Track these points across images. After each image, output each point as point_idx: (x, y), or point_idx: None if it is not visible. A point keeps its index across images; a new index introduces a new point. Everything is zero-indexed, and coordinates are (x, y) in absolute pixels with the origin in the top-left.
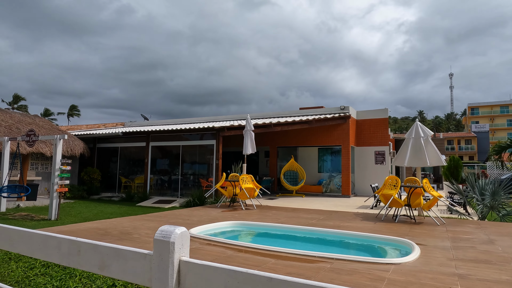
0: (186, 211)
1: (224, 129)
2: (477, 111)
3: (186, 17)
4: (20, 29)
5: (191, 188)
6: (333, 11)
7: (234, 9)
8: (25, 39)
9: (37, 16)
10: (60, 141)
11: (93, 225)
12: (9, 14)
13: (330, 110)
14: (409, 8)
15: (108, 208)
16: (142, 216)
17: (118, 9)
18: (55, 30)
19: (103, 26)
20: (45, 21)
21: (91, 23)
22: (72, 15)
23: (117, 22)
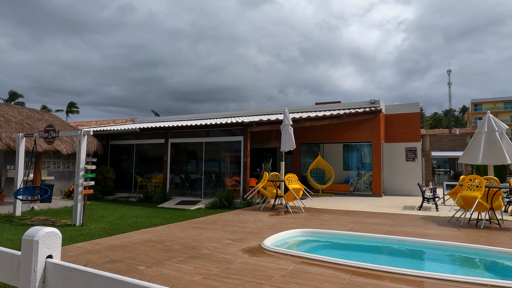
0: (230, 215)
1: (252, 124)
2: (481, 107)
3: (188, 15)
4: (20, 27)
5: (213, 187)
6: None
7: (236, 7)
8: (25, 37)
9: (38, 14)
10: (85, 137)
11: (143, 235)
12: (11, 12)
13: (359, 104)
14: (408, 6)
15: (130, 211)
16: (188, 223)
17: (120, 7)
18: (56, 28)
19: (105, 24)
20: (46, 19)
21: (92, 21)
22: (74, 13)
23: (119, 20)
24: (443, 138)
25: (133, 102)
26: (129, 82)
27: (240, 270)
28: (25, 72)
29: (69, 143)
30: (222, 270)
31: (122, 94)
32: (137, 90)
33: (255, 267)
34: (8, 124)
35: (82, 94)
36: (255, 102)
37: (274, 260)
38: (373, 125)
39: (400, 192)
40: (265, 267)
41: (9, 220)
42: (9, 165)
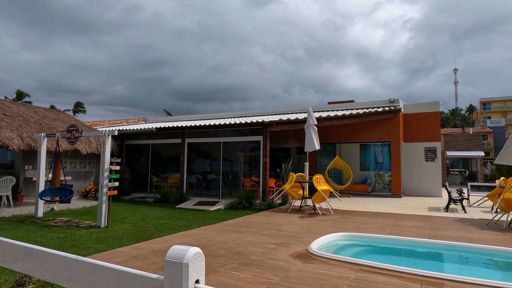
0: (260, 217)
1: (272, 124)
2: (489, 106)
3: (194, 15)
4: (28, 27)
5: (231, 188)
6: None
7: (241, 6)
8: (33, 37)
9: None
10: (109, 137)
11: (182, 239)
12: (19, 13)
13: (375, 103)
14: (414, 5)
15: (150, 211)
16: (222, 226)
17: (127, 8)
18: (63, 29)
19: (111, 24)
20: (53, 20)
21: (99, 22)
22: (81, 13)
23: (125, 21)
24: (458, 137)
25: (139, 102)
26: (134, 82)
27: (302, 278)
28: (32, 72)
29: (87, 143)
30: (283, 279)
31: (128, 93)
32: (142, 90)
33: (315, 275)
34: (27, 124)
35: (88, 94)
36: (260, 102)
37: (330, 267)
38: (392, 124)
39: (420, 193)
40: (326, 275)
41: (32, 222)
42: (28, 165)
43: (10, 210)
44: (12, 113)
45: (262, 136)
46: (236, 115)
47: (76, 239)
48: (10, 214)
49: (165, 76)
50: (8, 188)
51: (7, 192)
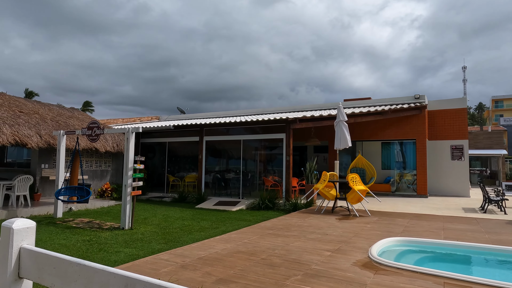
0: (295, 219)
1: (296, 121)
2: (501, 104)
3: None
4: (38, 28)
5: (251, 187)
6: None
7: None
8: (43, 38)
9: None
10: (133, 134)
11: (226, 245)
12: (29, 14)
13: (394, 100)
14: (423, 3)
15: (170, 212)
16: (261, 229)
17: (135, 8)
18: (72, 29)
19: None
20: (63, 21)
21: (108, 22)
22: (90, 14)
23: (133, 21)
24: (479, 135)
25: (146, 101)
26: (142, 82)
27: None
28: (41, 72)
29: (103, 141)
30: None
31: (135, 93)
32: (149, 89)
33: None
34: (44, 121)
35: (96, 94)
36: (266, 101)
37: (409, 280)
38: (417, 121)
39: (445, 193)
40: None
41: (52, 222)
42: (44, 164)
43: (28, 210)
44: (28, 111)
45: (285, 133)
46: (255, 112)
47: (102, 242)
48: (29, 215)
49: (172, 76)
50: (25, 188)
51: (24, 192)
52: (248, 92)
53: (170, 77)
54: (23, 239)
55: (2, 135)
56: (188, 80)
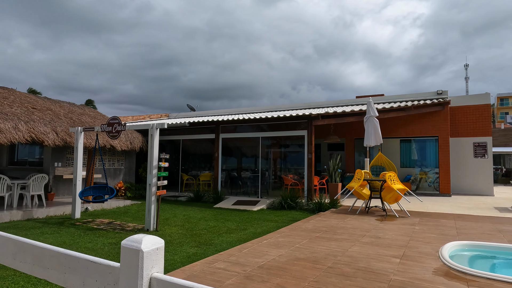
0: (335, 220)
1: (318, 117)
2: (507, 101)
3: (204, 13)
4: (41, 27)
5: (269, 186)
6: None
7: (252, 4)
8: (45, 37)
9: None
10: (157, 130)
11: (280, 250)
12: (32, 13)
13: (420, 96)
14: (425, 2)
15: (189, 212)
16: (305, 232)
17: (138, 7)
18: (75, 29)
19: (123, 24)
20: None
21: (111, 21)
22: (93, 13)
23: (136, 20)
24: (495, 133)
25: (147, 100)
26: (144, 81)
27: None
28: (44, 71)
29: (119, 138)
30: None
31: (137, 92)
32: (151, 88)
33: None
34: (59, 118)
35: (98, 92)
36: (268, 99)
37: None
38: (439, 118)
39: (468, 191)
40: None
41: (71, 224)
42: (57, 162)
43: (44, 210)
44: (40, 107)
45: (307, 130)
46: (272, 108)
47: None
48: (45, 215)
49: (174, 75)
50: (41, 187)
51: (39, 191)
52: (250, 90)
53: (172, 76)
54: (153, 265)
55: (18, 132)
56: (190, 79)
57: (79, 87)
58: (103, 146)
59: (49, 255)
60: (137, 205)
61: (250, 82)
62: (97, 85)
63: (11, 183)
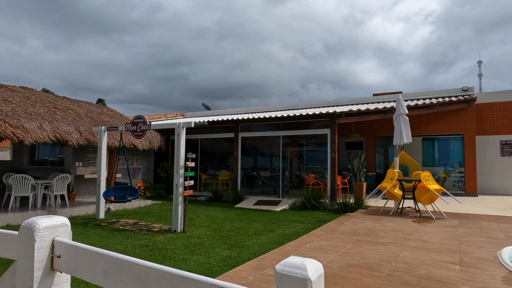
0: (371, 222)
1: (341, 115)
2: None
3: (214, 13)
4: (54, 29)
5: (289, 186)
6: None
7: (261, 3)
8: (58, 38)
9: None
10: (183, 129)
11: (328, 256)
12: (46, 15)
13: (448, 93)
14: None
15: (212, 212)
16: (344, 235)
17: (149, 8)
18: (87, 30)
19: (133, 25)
20: (78, 21)
21: (122, 22)
22: (105, 14)
23: (147, 20)
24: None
25: (158, 100)
26: (154, 80)
27: None
28: (56, 72)
29: None
30: None
31: (147, 92)
32: (161, 87)
33: None
34: (80, 117)
35: (109, 92)
36: (277, 98)
37: None
38: (465, 115)
39: (495, 191)
40: None
41: (97, 224)
42: (78, 161)
43: (67, 210)
44: (62, 107)
45: (330, 129)
46: (290, 107)
47: (161, 248)
48: (68, 215)
49: (184, 74)
50: (64, 187)
51: (62, 191)
52: (259, 89)
53: (182, 76)
54: None
55: (43, 131)
56: (200, 78)
57: (91, 87)
58: (130, 145)
59: (156, 275)
60: (158, 205)
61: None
62: (108, 85)
63: (35, 183)
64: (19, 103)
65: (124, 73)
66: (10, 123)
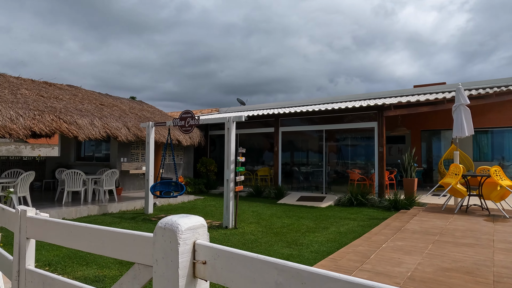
0: (438, 221)
1: (390, 107)
2: None
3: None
4: (89, 31)
5: (331, 181)
6: None
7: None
8: (93, 40)
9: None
10: (234, 124)
11: (415, 259)
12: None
13: (505, 81)
14: None
15: (256, 208)
16: (418, 234)
17: (177, 7)
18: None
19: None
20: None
21: (152, 22)
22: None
23: (176, 19)
24: None
25: (186, 97)
26: (183, 78)
27: None
28: (91, 71)
29: (177, 133)
30: None
31: (177, 89)
32: (190, 85)
33: None
34: (126, 114)
35: (140, 91)
36: (304, 93)
37: None
38: None
39: None
40: None
41: (147, 219)
42: (123, 157)
43: (116, 205)
44: (107, 103)
45: (377, 122)
46: (328, 100)
47: None
48: (118, 210)
49: (211, 71)
50: (112, 182)
51: (111, 186)
52: (286, 84)
53: (209, 72)
54: None
55: (94, 128)
56: (227, 74)
57: (123, 86)
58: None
59: None
60: (201, 200)
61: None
62: (139, 83)
63: (86, 178)
64: (68, 100)
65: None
66: (64, 120)
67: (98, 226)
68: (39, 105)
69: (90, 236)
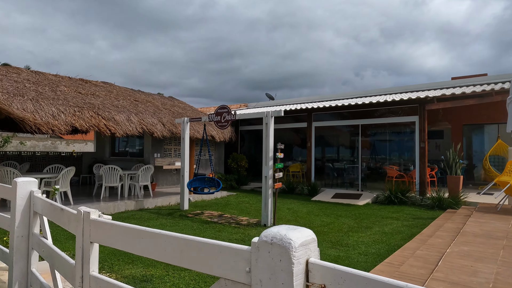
0: (497, 222)
1: (433, 101)
2: None
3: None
4: (117, 29)
5: (366, 177)
6: None
7: None
8: (121, 38)
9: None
10: (272, 118)
11: (489, 267)
12: (110, 16)
13: None
14: None
15: (290, 205)
16: (482, 238)
17: (202, 4)
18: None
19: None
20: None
21: (177, 19)
22: (162, 13)
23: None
24: None
25: (211, 93)
26: (208, 74)
27: None
28: (119, 69)
29: (209, 129)
30: None
31: (201, 85)
32: (215, 81)
33: None
34: (159, 110)
35: (166, 87)
36: (329, 87)
37: None
38: None
39: None
40: None
41: (183, 215)
42: (156, 153)
43: (152, 200)
44: (141, 100)
45: (418, 116)
46: (360, 94)
47: None
48: (153, 205)
49: (236, 67)
50: (147, 178)
51: (146, 182)
52: (311, 79)
53: (234, 68)
54: None
55: (131, 124)
56: (252, 70)
57: (150, 83)
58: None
59: None
60: (234, 196)
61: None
62: (165, 80)
63: (122, 174)
64: (105, 97)
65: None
66: (102, 116)
67: (173, 233)
68: (78, 101)
69: (165, 244)
